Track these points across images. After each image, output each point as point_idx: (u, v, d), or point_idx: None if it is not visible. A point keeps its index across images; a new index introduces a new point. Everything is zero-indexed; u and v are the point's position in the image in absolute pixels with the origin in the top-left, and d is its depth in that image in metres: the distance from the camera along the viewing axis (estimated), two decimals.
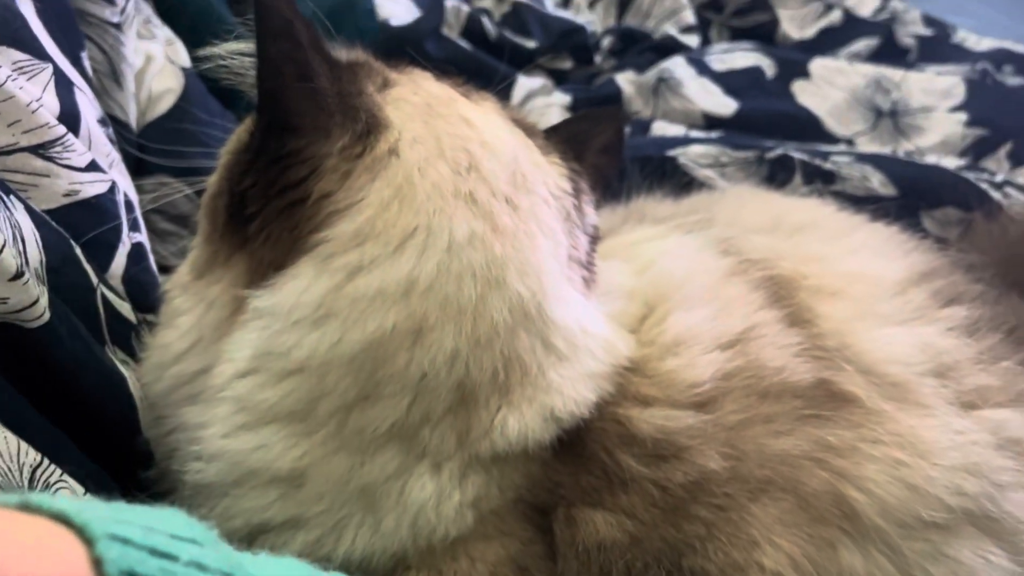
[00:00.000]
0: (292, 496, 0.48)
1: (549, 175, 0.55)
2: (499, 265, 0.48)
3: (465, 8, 1.24)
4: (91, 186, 0.61)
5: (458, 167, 0.49)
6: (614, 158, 0.65)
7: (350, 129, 0.49)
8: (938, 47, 1.50)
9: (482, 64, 1.19)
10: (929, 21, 1.56)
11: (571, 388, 0.50)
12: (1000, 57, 1.44)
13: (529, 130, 0.58)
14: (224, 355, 0.49)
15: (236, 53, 0.52)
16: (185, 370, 0.52)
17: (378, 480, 0.47)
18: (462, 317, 0.47)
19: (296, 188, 0.48)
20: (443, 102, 0.53)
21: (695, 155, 1.05)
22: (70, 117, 0.61)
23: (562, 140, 0.59)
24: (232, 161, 0.53)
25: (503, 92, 1.15)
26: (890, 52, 1.47)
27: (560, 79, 1.29)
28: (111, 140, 0.69)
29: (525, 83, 1.21)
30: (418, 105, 0.52)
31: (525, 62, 1.27)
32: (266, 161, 0.49)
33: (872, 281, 0.62)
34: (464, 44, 1.21)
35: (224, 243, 0.52)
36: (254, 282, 0.49)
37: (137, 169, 0.78)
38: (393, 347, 0.46)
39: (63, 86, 0.62)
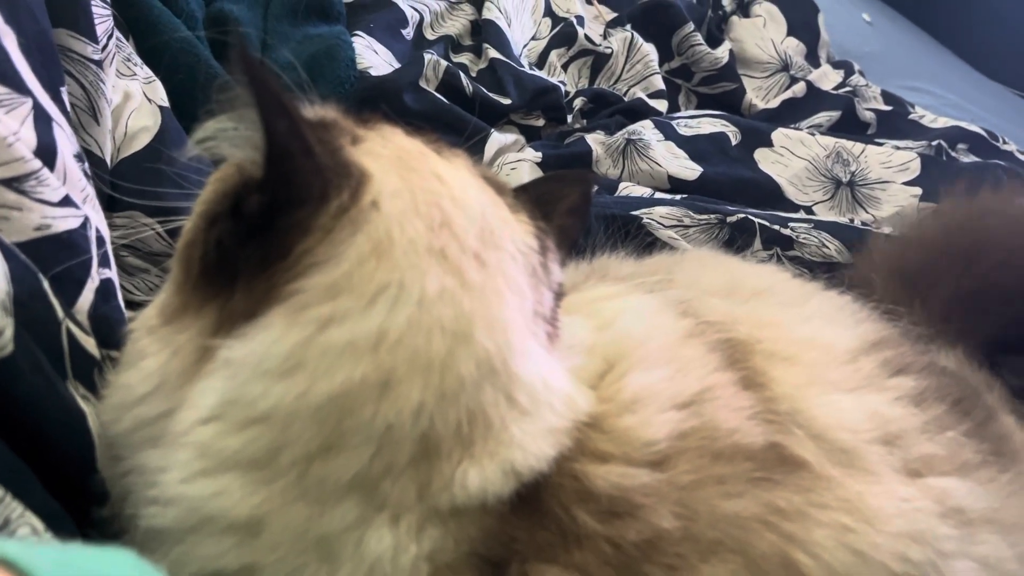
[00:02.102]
0: (248, 544, 0.47)
1: (516, 232, 0.56)
2: (467, 320, 0.49)
3: (443, 63, 1.27)
4: (63, 221, 0.61)
5: (432, 223, 0.50)
6: (580, 219, 0.66)
7: (346, 188, 0.49)
8: (896, 123, 1.56)
9: (458, 118, 1.21)
10: (888, 98, 1.62)
11: (532, 443, 0.50)
12: (954, 135, 1.50)
13: (499, 188, 0.59)
14: (188, 401, 0.49)
15: (222, 130, 0.52)
16: (147, 413, 0.51)
17: (336, 530, 0.47)
18: (430, 371, 0.47)
19: (284, 248, 0.49)
20: (414, 156, 0.54)
21: (659, 216, 1.08)
22: (47, 152, 0.62)
23: (530, 199, 0.60)
24: (211, 214, 0.53)
25: (477, 146, 1.18)
26: (850, 125, 1.53)
27: (532, 136, 1.32)
28: (86, 175, 0.69)
29: (498, 138, 1.23)
30: (390, 158, 0.53)
31: (499, 118, 1.30)
32: (270, 234, 0.49)
33: (824, 349, 0.64)
34: (441, 98, 1.23)
35: (196, 293, 0.52)
36: (224, 331, 0.49)
37: (109, 204, 0.78)
38: (360, 399, 0.46)
39: (42, 121, 0.63)
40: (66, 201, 0.62)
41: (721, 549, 0.50)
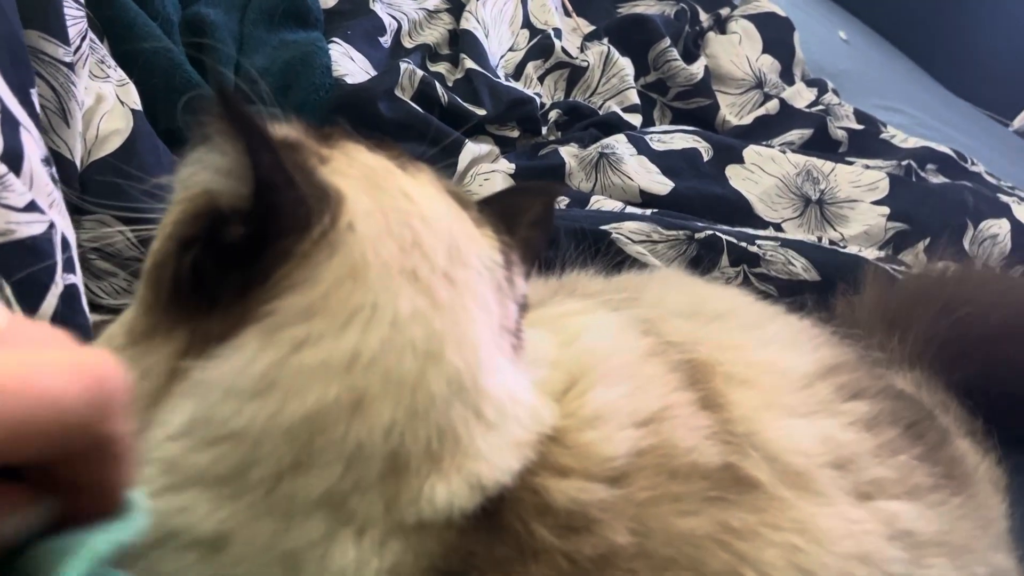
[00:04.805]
0: (212, 559, 0.47)
1: (482, 247, 0.56)
2: (438, 339, 0.49)
3: (419, 72, 1.27)
4: (28, 227, 0.61)
5: (403, 243, 0.50)
6: (544, 231, 0.66)
7: (326, 213, 0.49)
8: (867, 142, 1.58)
9: (432, 127, 1.21)
10: (860, 116, 1.64)
11: (498, 456, 0.51)
12: (924, 155, 1.52)
13: (463, 202, 0.59)
14: (156, 420, 0.48)
15: (197, 159, 0.51)
16: None
17: (302, 545, 0.47)
18: (401, 390, 0.48)
19: (265, 274, 0.48)
20: (381, 174, 0.54)
21: (628, 231, 1.09)
22: (13, 156, 0.62)
23: (495, 213, 0.61)
24: (183, 237, 0.52)
25: (451, 156, 1.18)
26: (822, 143, 1.54)
27: (506, 147, 1.32)
28: (53, 179, 0.69)
29: (472, 148, 1.24)
30: (358, 177, 0.53)
31: (474, 128, 1.30)
32: (253, 263, 0.49)
33: (781, 373, 0.65)
34: (416, 107, 1.23)
35: (167, 315, 0.51)
36: (195, 351, 0.49)
37: (77, 207, 0.78)
38: (332, 418, 0.47)
39: (9, 125, 0.62)
40: (31, 206, 0.62)
41: (674, 566, 0.51)
